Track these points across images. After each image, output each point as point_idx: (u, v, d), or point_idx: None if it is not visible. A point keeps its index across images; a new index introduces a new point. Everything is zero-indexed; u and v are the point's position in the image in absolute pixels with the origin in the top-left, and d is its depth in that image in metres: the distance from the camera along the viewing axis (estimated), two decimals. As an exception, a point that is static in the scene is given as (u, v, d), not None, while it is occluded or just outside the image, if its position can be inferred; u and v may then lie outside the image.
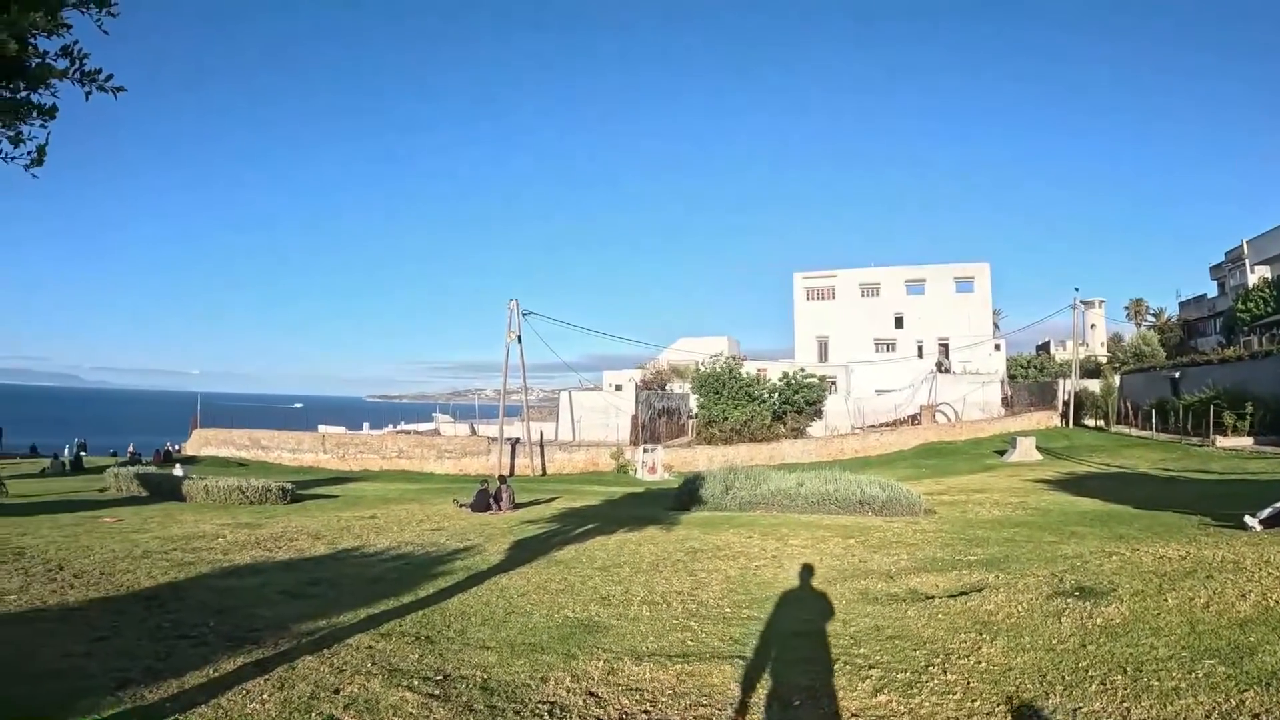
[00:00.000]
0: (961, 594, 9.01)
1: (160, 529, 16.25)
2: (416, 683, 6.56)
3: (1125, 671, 5.97)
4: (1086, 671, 6.06)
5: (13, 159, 5.22)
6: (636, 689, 6.32)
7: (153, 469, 29.96)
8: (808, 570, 10.79)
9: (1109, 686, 5.71)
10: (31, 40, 4.79)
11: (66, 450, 41.03)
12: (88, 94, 5.19)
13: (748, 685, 6.26)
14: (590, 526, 15.89)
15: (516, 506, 19.88)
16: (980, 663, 6.49)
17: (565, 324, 50.70)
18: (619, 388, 51.32)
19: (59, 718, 5.81)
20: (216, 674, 6.91)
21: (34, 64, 4.94)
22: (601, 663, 6.99)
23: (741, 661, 6.88)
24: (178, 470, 28.67)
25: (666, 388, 53.33)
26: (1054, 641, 6.95)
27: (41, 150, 5.27)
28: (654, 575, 10.91)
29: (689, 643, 7.60)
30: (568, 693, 6.28)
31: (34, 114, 5.15)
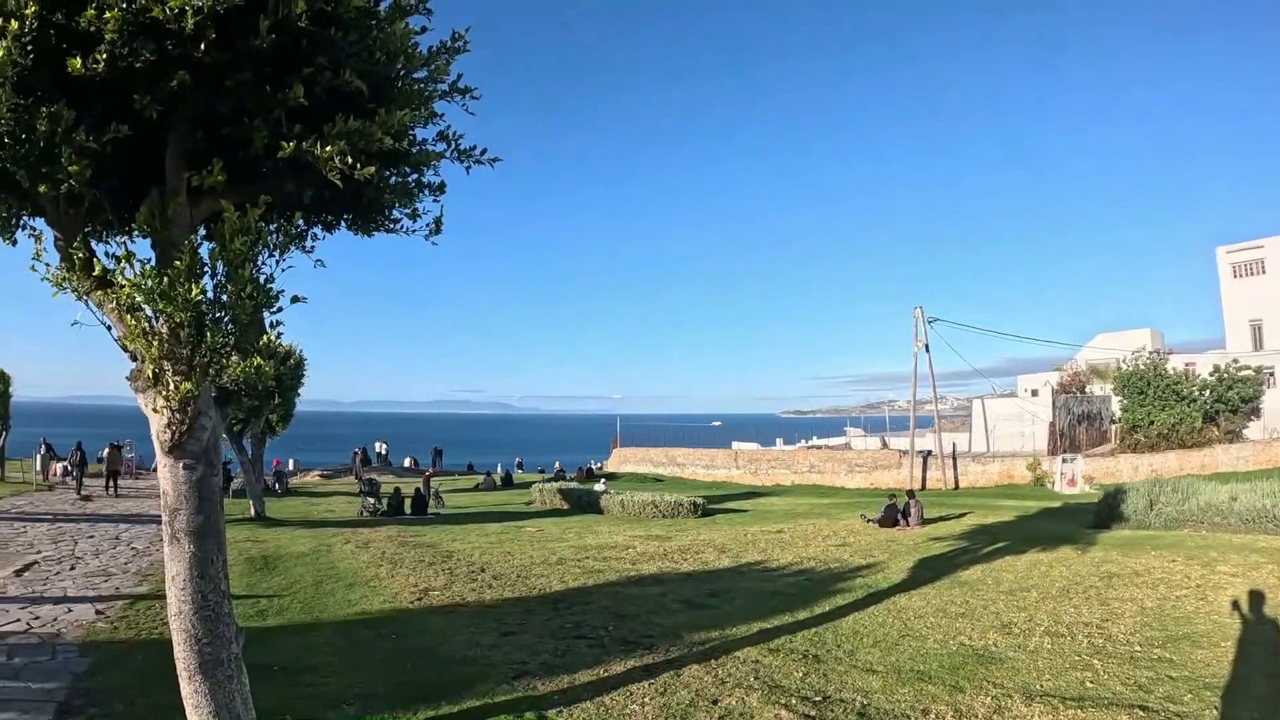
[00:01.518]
0: None
1: (576, 539, 18.39)
2: (794, 701, 6.86)
3: None
4: None
5: (413, 232, 6.46)
6: (1019, 733, 6.14)
7: (574, 484, 33.73)
8: (1235, 605, 9.87)
9: None
10: (410, 131, 5.85)
11: (499, 468, 48.10)
12: (467, 169, 6.30)
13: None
14: (1000, 545, 15.56)
15: (925, 522, 19.81)
16: None
17: (972, 328, 48.10)
18: (1034, 393, 47.46)
19: (457, 698, 6.95)
20: (606, 674, 7.83)
21: (415, 150, 6.04)
22: (989, 699, 6.89)
23: (1142, 713, 6.40)
24: (598, 485, 31.97)
25: (1085, 390, 48.60)
26: None
27: (438, 222, 6.43)
28: (1062, 602, 10.56)
29: (1088, 684, 7.25)
30: (946, 728, 6.27)
31: (425, 192, 6.34)
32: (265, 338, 5.42)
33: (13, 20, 4.20)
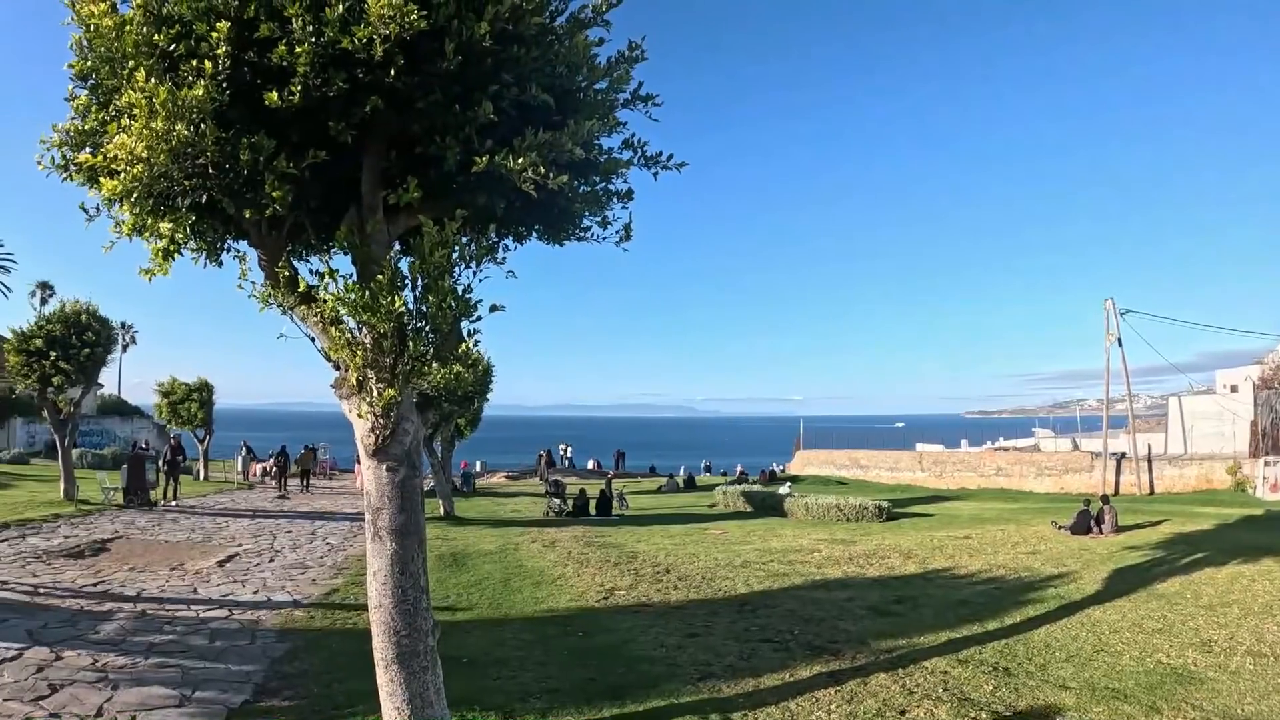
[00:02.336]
0: None
1: (760, 542, 18.36)
2: (984, 716, 6.73)
3: None
4: None
5: (604, 239, 6.66)
6: (1223, 759, 5.82)
7: (757, 487, 33.67)
8: None
9: None
10: (596, 141, 6.04)
11: (682, 470, 48.72)
12: (655, 174, 6.46)
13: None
14: (1198, 556, 14.62)
15: (1119, 530, 18.74)
16: None
17: (1166, 319, 44.62)
18: (1234, 389, 43.27)
19: (642, 697, 7.12)
20: (791, 679, 7.84)
21: (602, 160, 6.22)
22: (1187, 722, 6.57)
23: (1348, 743, 5.97)
24: (781, 488, 31.74)
25: (1289, 385, 43.85)
26: None
27: (627, 229, 6.63)
28: (1265, 619, 9.96)
29: (1293, 709, 6.86)
30: (1143, 752, 5.99)
31: (614, 200, 6.52)
32: (463, 346, 5.74)
33: (207, 61, 4.62)
